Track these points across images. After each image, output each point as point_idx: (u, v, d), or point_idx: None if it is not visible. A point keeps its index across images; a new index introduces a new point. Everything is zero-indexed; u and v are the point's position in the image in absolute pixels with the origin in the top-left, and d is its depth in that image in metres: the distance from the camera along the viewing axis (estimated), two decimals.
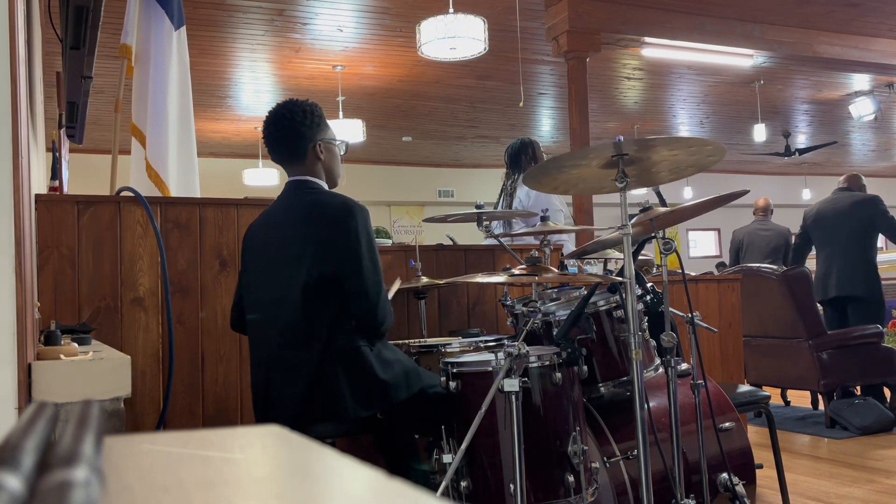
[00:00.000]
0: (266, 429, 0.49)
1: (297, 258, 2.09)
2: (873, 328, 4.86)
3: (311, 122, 2.22)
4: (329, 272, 2.05)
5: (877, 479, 3.43)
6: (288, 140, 2.22)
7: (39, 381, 1.19)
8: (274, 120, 2.22)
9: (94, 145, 8.60)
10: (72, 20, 2.08)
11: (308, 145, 2.21)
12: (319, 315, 2.05)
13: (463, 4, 5.64)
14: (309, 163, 2.22)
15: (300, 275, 2.06)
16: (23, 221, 1.17)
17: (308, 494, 0.35)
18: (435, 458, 2.00)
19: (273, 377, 2.09)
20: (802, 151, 11.08)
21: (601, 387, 2.24)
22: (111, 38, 5.23)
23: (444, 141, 11.37)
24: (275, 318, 2.11)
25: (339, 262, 2.05)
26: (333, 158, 2.28)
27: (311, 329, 2.05)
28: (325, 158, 2.24)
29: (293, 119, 2.20)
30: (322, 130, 2.24)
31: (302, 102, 2.25)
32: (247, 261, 2.30)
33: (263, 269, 2.21)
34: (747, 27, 7.01)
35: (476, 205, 2.70)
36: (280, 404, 2.07)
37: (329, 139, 2.26)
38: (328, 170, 2.26)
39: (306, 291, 2.05)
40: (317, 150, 2.22)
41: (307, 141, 2.21)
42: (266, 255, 2.20)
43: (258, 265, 2.23)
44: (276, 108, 2.23)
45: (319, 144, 2.23)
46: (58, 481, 0.29)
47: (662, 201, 2.25)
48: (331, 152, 2.27)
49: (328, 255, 2.06)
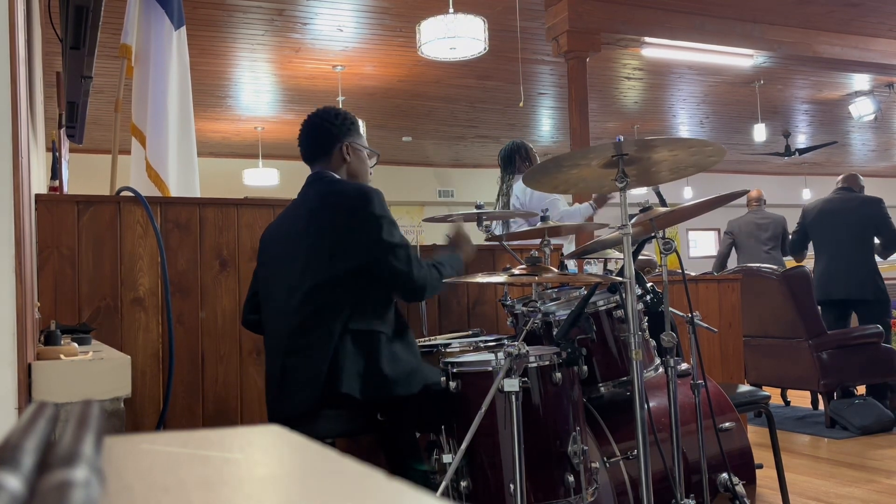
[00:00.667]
0: (266, 429, 0.49)
1: (316, 248, 2.11)
2: (873, 328, 4.86)
3: (341, 123, 2.28)
4: (359, 264, 2.08)
5: (877, 479, 3.44)
6: (316, 138, 2.28)
7: (39, 381, 1.19)
8: (308, 120, 2.31)
9: (94, 145, 8.60)
10: (72, 20, 2.08)
11: (335, 145, 2.27)
12: (340, 302, 2.07)
13: (463, 4, 5.64)
14: (334, 161, 2.27)
15: (323, 266, 2.08)
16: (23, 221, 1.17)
17: (308, 494, 0.35)
18: (435, 458, 2.00)
19: (289, 363, 2.10)
20: (802, 151, 11.08)
21: (601, 387, 2.23)
22: (111, 38, 5.23)
23: (444, 141, 11.37)
24: (293, 306, 2.11)
25: (367, 250, 2.09)
26: (361, 163, 2.32)
27: (329, 316, 2.06)
28: (351, 160, 2.28)
29: (324, 119, 2.29)
30: (352, 134, 2.30)
31: (338, 108, 2.34)
32: (264, 255, 2.33)
33: (282, 259, 2.22)
34: (747, 27, 7.01)
35: (476, 205, 2.70)
36: (294, 388, 2.08)
37: (359, 143, 2.31)
38: (353, 173, 2.30)
39: (326, 280, 2.07)
40: (343, 150, 2.27)
41: (335, 140, 2.27)
42: (285, 246, 2.23)
43: (277, 256, 2.25)
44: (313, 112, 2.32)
45: (347, 146, 2.27)
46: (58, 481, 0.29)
47: (662, 201, 2.25)
48: (359, 157, 2.31)
49: (354, 247, 2.08)
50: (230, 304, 2.63)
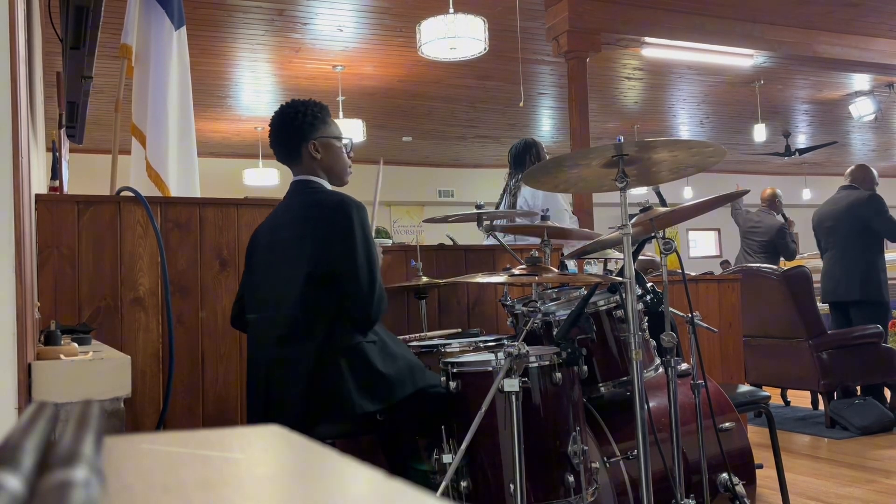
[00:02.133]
0: (266, 429, 0.49)
1: (297, 258, 2.09)
2: (873, 328, 4.85)
3: (302, 121, 2.20)
4: (327, 271, 2.05)
5: (877, 479, 3.43)
6: (282, 140, 2.23)
7: (39, 381, 1.19)
8: (272, 122, 2.24)
9: (94, 145, 8.59)
10: (72, 20, 2.08)
11: (301, 145, 2.20)
12: (320, 313, 2.04)
13: (463, 4, 5.64)
14: (305, 162, 2.22)
15: (301, 275, 2.06)
16: (23, 221, 1.17)
17: (308, 494, 0.35)
18: (435, 458, 2.00)
19: (273, 376, 2.08)
20: (802, 151, 11.08)
21: (601, 387, 2.23)
22: (111, 38, 5.23)
23: (444, 141, 11.37)
24: (276, 317, 2.11)
25: (336, 260, 2.05)
26: (334, 157, 2.25)
27: (311, 326, 2.04)
28: (322, 157, 2.22)
29: (284, 120, 2.21)
30: (317, 129, 2.22)
31: (298, 102, 2.24)
32: (250, 261, 2.31)
33: (266, 269, 2.21)
34: (747, 27, 7.01)
35: (476, 205, 2.70)
36: (281, 403, 2.06)
37: (326, 137, 2.23)
38: (328, 168, 2.24)
39: (307, 291, 2.05)
40: (311, 149, 2.20)
41: (300, 140, 2.20)
42: (268, 256, 2.21)
43: (261, 265, 2.24)
44: (276, 111, 2.25)
45: (314, 143, 2.21)
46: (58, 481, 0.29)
47: (662, 201, 2.25)
48: (329, 151, 2.24)
49: (326, 255, 2.05)
50: (230, 304, 2.63)
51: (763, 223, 6.19)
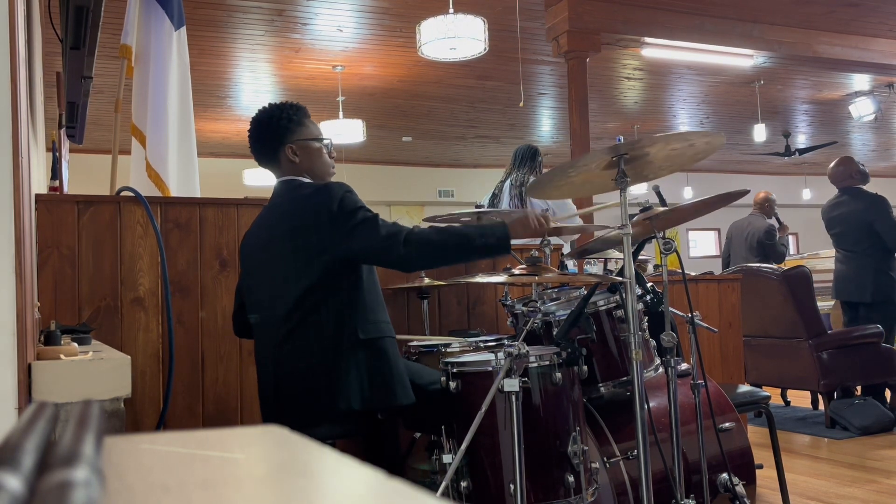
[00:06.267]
0: (266, 429, 0.49)
1: (291, 253, 2.07)
2: (873, 328, 4.85)
3: (277, 125, 2.18)
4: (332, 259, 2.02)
5: (877, 479, 3.43)
6: (259, 146, 2.21)
7: (39, 381, 1.19)
8: (249, 129, 2.23)
9: (94, 145, 8.60)
10: (72, 20, 2.08)
11: (278, 149, 2.18)
12: (322, 307, 2.04)
13: (463, 4, 5.64)
14: (284, 167, 2.20)
15: (299, 268, 2.05)
16: (23, 221, 1.17)
17: (308, 494, 0.35)
18: (435, 458, 2.00)
19: (282, 372, 2.08)
20: (802, 151, 11.08)
21: (601, 387, 2.23)
22: (111, 38, 5.23)
23: (444, 141, 11.37)
24: (278, 315, 2.10)
25: (332, 241, 2.02)
26: (312, 159, 2.21)
27: (315, 321, 2.04)
28: (301, 160, 2.19)
29: (259, 126, 2.20)
30: (292, 132, 2.19)
31: (273, 107, 2.22)
32: (244, 265, 2.30)
33: (261, 269, 2.20)
34: (747, 27, 7.01)
35: (476, 205, 2.70)
36: (291, 400, 2.06)
37: (302, 139, 2.20)
38: (308, 170, 2.20)
39: (306, 284, 2.04)
40: (288, 153, 2.18)
41: (276, 145, 2.18)
42: (262, 256, 2.20)
43: (256, 266, 2.23)
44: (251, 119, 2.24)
45: (290, 147, 2.18)
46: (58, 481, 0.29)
47: (662, 201, 2.25)
48: (307, 153, 2.20)
49: (323, 243, 2.03)
50: (230, 304, 2.63)
51: (752, 225, 6.24)
